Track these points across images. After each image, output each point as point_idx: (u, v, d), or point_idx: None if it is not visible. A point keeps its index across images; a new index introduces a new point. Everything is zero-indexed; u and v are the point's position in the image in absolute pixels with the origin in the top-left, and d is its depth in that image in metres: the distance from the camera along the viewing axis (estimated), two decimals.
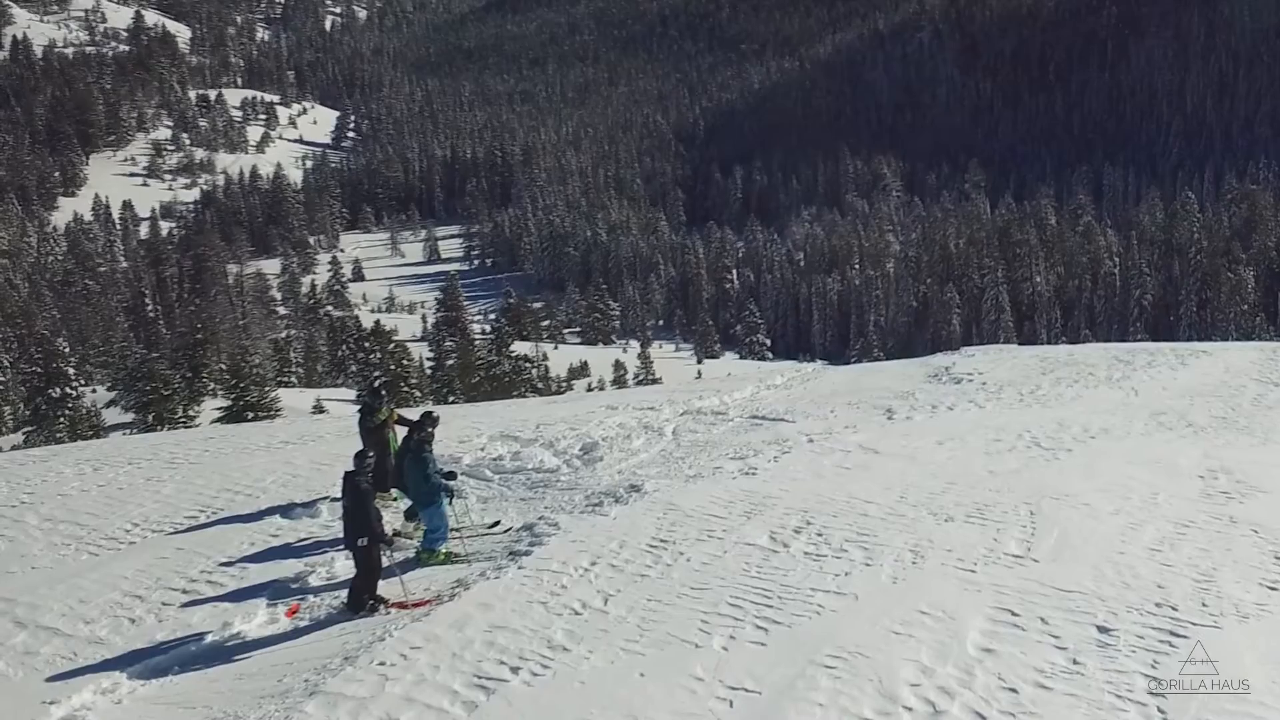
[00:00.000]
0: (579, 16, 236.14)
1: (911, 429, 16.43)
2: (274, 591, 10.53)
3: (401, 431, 12.90)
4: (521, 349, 73.16)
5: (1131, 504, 11.70)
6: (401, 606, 9.79)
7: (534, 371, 64.97)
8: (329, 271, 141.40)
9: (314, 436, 18.43)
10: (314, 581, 10.69)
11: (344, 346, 69.70)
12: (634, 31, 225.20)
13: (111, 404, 55.21)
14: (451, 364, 61.95)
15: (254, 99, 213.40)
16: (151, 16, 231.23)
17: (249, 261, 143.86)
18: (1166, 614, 8.63)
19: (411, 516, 12.15)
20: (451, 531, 11.50)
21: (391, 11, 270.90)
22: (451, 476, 11.80)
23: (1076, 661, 7.89)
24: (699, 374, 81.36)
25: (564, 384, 71.36)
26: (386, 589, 10.03)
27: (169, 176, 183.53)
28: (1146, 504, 11.70)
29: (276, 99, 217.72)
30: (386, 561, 10.14)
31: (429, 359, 68.44)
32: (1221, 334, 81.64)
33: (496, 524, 12.18)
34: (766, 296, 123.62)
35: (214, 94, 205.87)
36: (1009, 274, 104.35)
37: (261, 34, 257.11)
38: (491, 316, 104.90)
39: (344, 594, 10.11)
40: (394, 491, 13.08)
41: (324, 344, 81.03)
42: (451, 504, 11.54)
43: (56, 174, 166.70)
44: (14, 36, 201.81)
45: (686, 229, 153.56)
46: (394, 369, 55.40)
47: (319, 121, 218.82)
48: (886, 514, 11.44)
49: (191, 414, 47.90)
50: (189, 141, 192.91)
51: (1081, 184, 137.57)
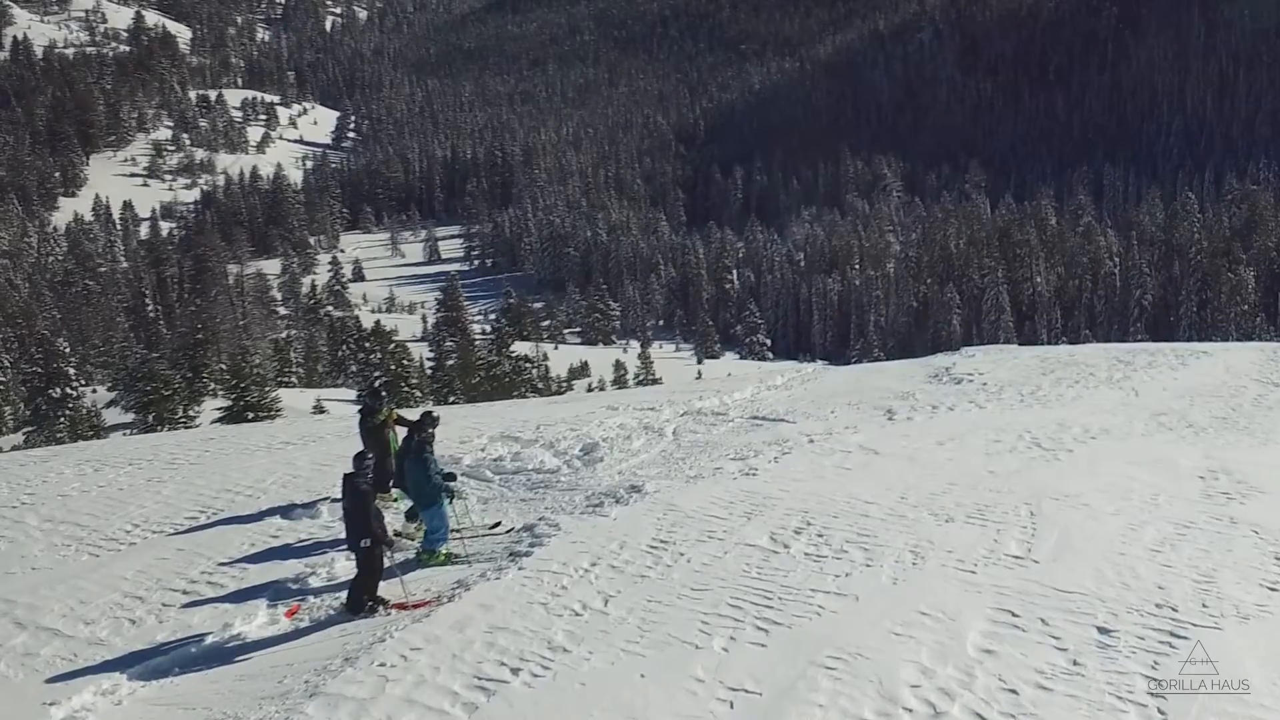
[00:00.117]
0: (579, 16, 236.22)
1: (912, 429, 16.44)
2: (274, 592, 10.53)
3: (402, 432, 12.90)
4: (522, 349, 73.22)
5: (1132, 505, 11.71)
6: (402, 607, 9.79)
7: (534, 372, 64.98)
8: (329, 272, 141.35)
9: (314, 437, 18.42)
10: (314, 582, 10.70)
11: (344, 347, 69.75)
12: (634, 32, 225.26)
13: (112, 404, 55.26)
14: (452, 364, 61.96)
15: (254, 99, 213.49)
16: (152, 17, 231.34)
17: (249, 262, 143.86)
18: (1167, 615, 8.64)
19: (412, 517, 12.16)
20: (452, 532, 11.50)
21: (392, 12, 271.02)
22: (452, 477, 11.79)
23: (1077, 662, 7.89)
24: (699, 374, 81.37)
25: (564, 384, 71.33)
26: (387, 590, 10.04)
27: (169, 177, 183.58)
28: (1147, 505, 11.71)
29: (277, 99, 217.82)
30: (388, 562, 10.14)
31: (429, 359, 68.50)
32: (1222, 334, 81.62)
33: (497, 525, 12.17)
34: (767, 297, 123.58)
35: (214, 94, 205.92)
36: (1009, 274, 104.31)
37: (262, 34, 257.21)
38: (492, 317, 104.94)
39: (344, 595, 10.11)
40: (394, 492, 13.09)
41: (324, 344, 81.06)
42: (452, 505, 11.54)
43: (57, 174, 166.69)
44: (14, 37, 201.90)
45: (687, 229, 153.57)
46: (394, 369, 55.45)
47: (319, 122, 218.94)
48: (887, 515, 11.45)
49: (192, 414, 47.92)
50: (189, 142, 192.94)
51: (1082, 184, 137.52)
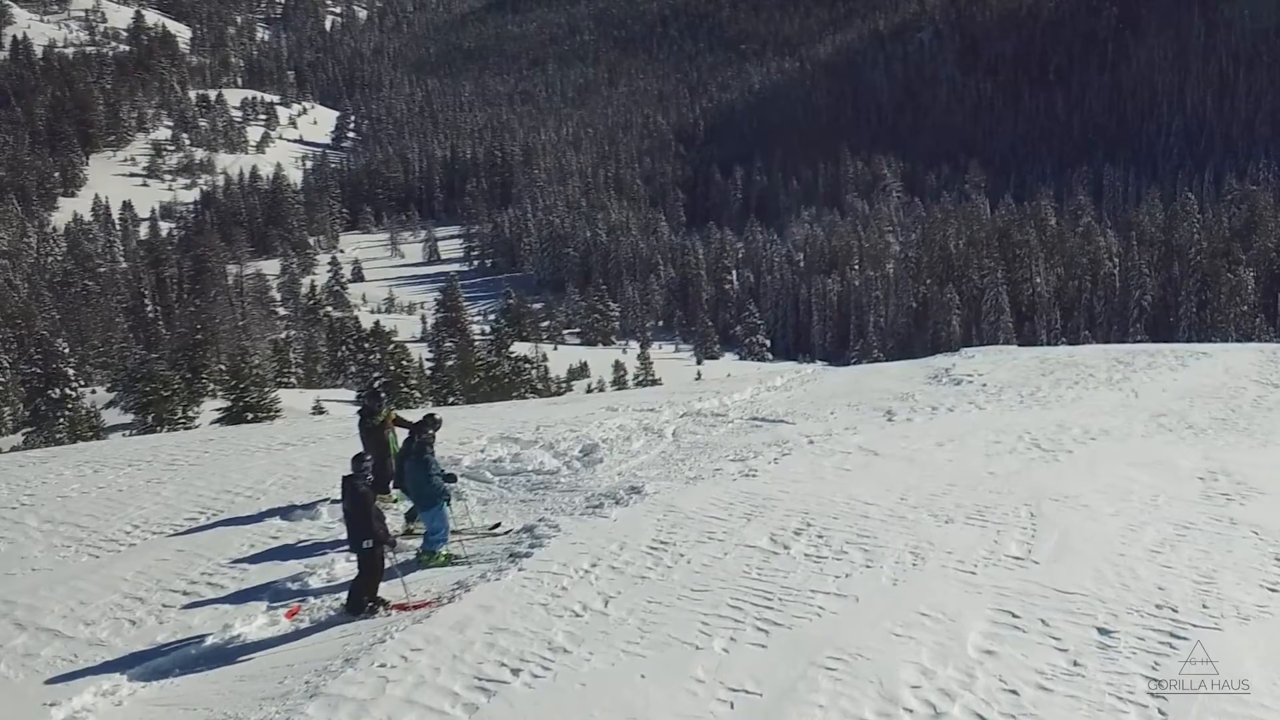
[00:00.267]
0: (579, 16, 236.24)
1: (911, 430, 16.44)
2: (274, 593, 10.54)
3: (402, 433, 12.90)
4: (521, 350, 73.16)
5: (1132, 506, 11.71)
6: (403, 608, 9.80)
7: (534, 372, 64.90)
8: (329, 272, 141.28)
9: (314, 438, 18.42)
10: (314, 583, 10.70)
11: (344, 347, 69.77)
12: (634, 31, 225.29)
13: (111, 405, 55.25)
14: (451, 365, 62.00)
15: (254, 99, 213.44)
16: (151, 16, 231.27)
17: (249, 262, 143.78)
18: (1167, 615, 8.64)
19: (412, 518, 12.17)
20: (452, 534, 11.50)
21: (391, 11, 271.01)
22: (451, 479, 11.80)
23: (1077, 663, 7.89)
24: (699, 375, 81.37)
25: (564, 385, 71.26)
26: (388, 590, 10.04)
27: (169, 177, 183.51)
28: (1147, 506, 11.71)
29: (276, 99, 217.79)
30: (389, 563, 10.14)
31: (429, 360, 68.56)
32: (1221, 335, 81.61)
33: (497, 526, 12.17)
34: (766, 297, 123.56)
35: (214, 94, 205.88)
36: (1009, 275, 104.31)
37: (261, 34, 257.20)
38: (491, 317, 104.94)
39: (344, 596, 10.12)
40: (395, 493, 13.09)
41: (324, 345, 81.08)
42: (451, 506, 11.54)
43: (56, 174, 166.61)
44: (14, 36, 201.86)
45: (686, 229, 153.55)
46: (393, 370, 55.45)
47: (319, 122, 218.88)
48: (887, 516, 11.45)
49: (191, 415, 47.95)
50: (189, 142, 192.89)
51: (1081, 184, 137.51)
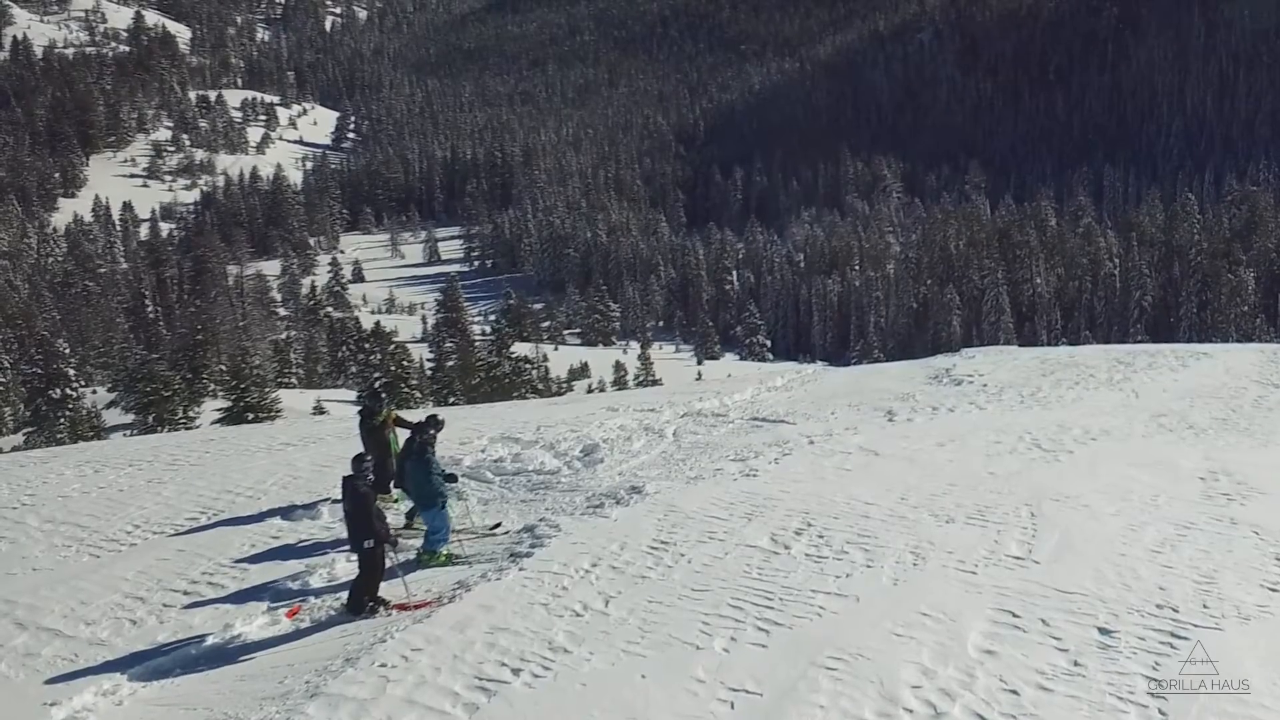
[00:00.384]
0: (579, 17, 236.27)
1: (912, 431, 16.44)
2: (275, 593, 10.54)
3: (403, 433, 12.90)
4: (522, 350, 73.14)
5: (1132, 506, 11.71)
6: (403, 608, 9.80)
7: (534, 373, 64.91)
8: (329, 273, 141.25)
9: (315, 438, 18.42)
10: (315, 583, 10.71)
11: (344, 348, 69.81)
12: (634, 32, 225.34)
13: (112, 405, 55.27)
14: (452, 365, 61.97)
15: (254, 100, 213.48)
16: (152, 17, 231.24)
17: (249, 263, 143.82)
18: (1167, 615, 8.64)
19: (412, 518, 12.17)
20: (452, 533, 11.50)
21: (392, 12, 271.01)
22: (452, 479, 11.80)
23: (1078, 663, 7.89)
24: (699, 375, 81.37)
25: (564, 385, 71.24)
26: (388, 590, 10.04)
27: (169, 177, 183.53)
28: (1147, 506, 11.71)
29: (276, 100, 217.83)
30: (390, 562, 10.15)
31: (429, 360, 68.53)
32: (1222, 335, 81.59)
33: (497, 526, 12.17)
34: (767, 298, 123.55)
35: (214, 95, 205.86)
36: (1009, 275, 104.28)
37: (262, 34, 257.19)
38: (491, 318, 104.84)
39: (345, 596, 10.12)
40: (395, 492, 13.09)
41: (324, 345, 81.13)
42: (452, 506, 11.54)
43: (56, 175, 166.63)
44: (14, 37, 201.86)
45: (687, 230, 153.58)
46: (394, 370, 55.43)
47: (319, 122, 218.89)
48: (887, 516, 11.45)
49: (192, 415, 47.95)
50: (189, 142, 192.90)
51: (1082, 185, 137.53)
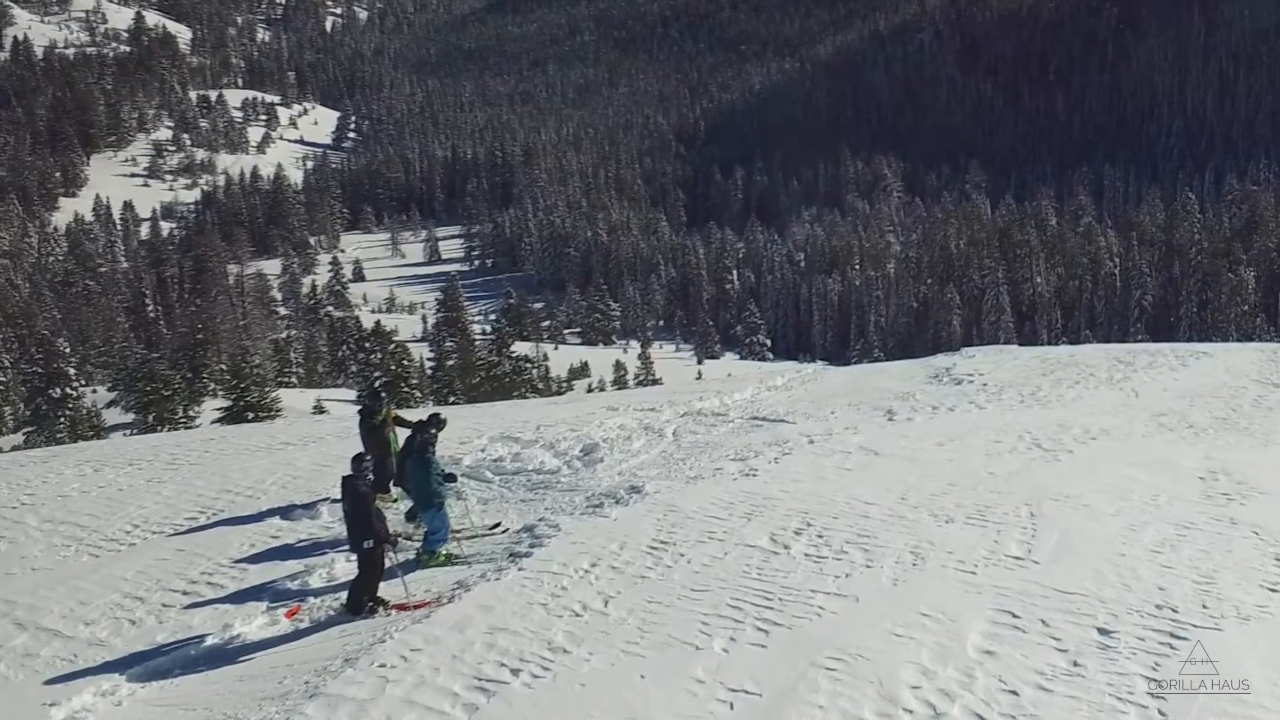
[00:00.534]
0: (579, 17, 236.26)
1: (912, 430, 16.43)
2: (274, 593, 10.53)
3: (402, 433, 12.89)
4: (522, 349, 73.12)
5: (1132, 505, 11.70)
6: (402, 608, 9.79)
7: (534, 372, 64.92)
8: (329, 272, 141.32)
9: (314, 437, 18.42)
10: (314, 583, 10.70)
11: (344, 347, 69.76)
12: (634, 32, 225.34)
13: (112, 404, 55.26)
14: (452, 364, 61.93)
15: (254, 99, 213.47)
16: (152, 17, 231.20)
17: (249, 262, 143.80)
18: (1167, 616, 8.63)
19: (412, 517, 12.15)
20: (452, 533, 11.49)
21: (392, 12, 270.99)
22: (452, 478, 11.80)
23: (1077, 663, 7.88)
24: (699, 375, 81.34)
25: (564, 385, 71.28)
26: (388, 590, 10.04)
27: (170, 177, 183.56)
28: (1147, 505, 11.70)
29: (277, 100, 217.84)
30: (390, 562, 10.14)
31: (429, 359, 68.50)
32: (1222, 335, 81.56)
33: (497, 525, 12.17)
34: (767, 297, 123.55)
35: (214, 95, 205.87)
36: (1009, 275, 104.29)
37: (262, 35, 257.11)
38: (492, 317, 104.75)
39: (344, 596, 10.11)
40: (395, 492, 13.08)
41: (324, 344, 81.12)
42: (452, 505, 11.52)
43: (57, 174, 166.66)
44: (15, 37, 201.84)
45: (687, 229, 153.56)
46: (394, 369, 55.39)
47: (319, 122, 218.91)
48: (887, 515, 11.44)
49: (192, 414, 47.93)
50: (190, 142, 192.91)
51: (1082, 184, 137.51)
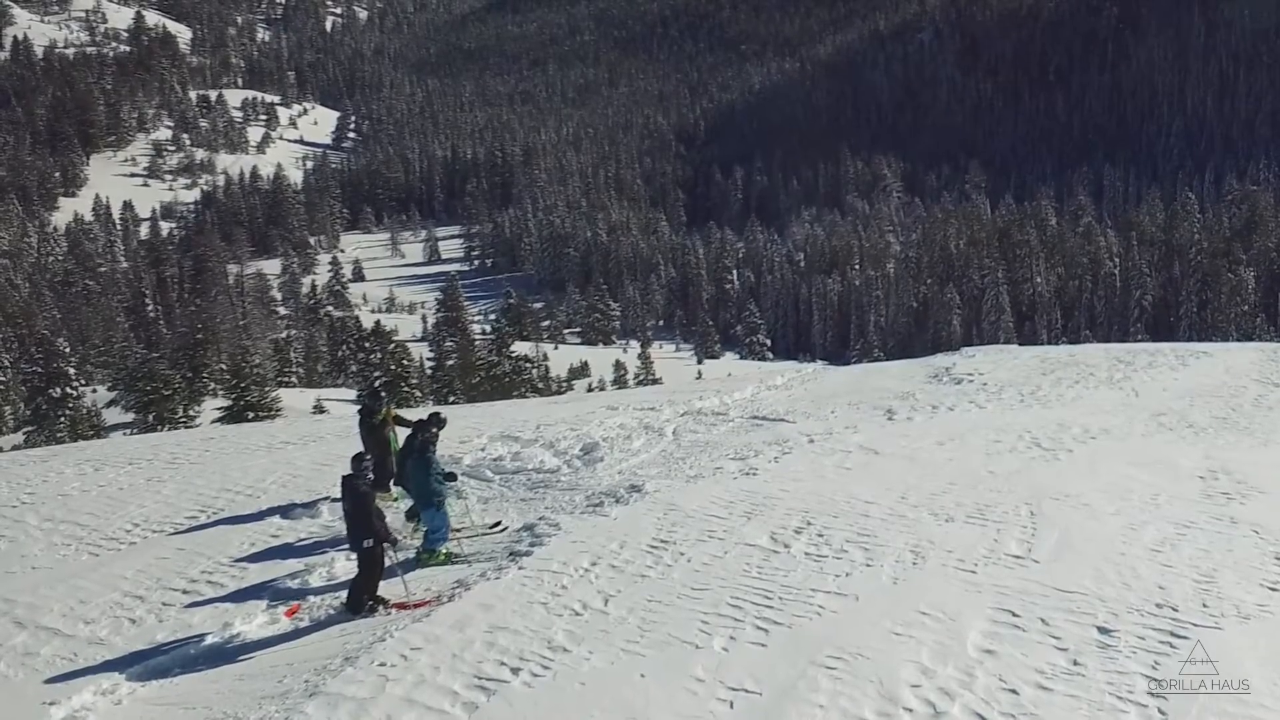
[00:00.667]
0: (579, 17, 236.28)
1: (912, 429, 16.43)
2: (274, 592, 10.53)
3: (402, 432, 12.89)
4: (522, 349, 73.06)
5: (1132, 505, 11.70)
6: (402, 607, 9.79)
7: (534, 372, 64.89)
8: (329, 272, 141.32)
9: (314, 437, 18.43)
10: (314, 582, 10.70)
11: (344, 347, 69.75)
12: (634, 32, 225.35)
13: (112, 404, 55.25)
14: (452, 364, 61.95)
15: (254, 99, 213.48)
16: (152, 17, 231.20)
17: (249, 262, 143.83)
18: (1167, 615, 8.63)
19: (412, 517, 12.16)
20: (452, 532, 11.50)
21: (392, 12, 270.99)
22: (452, 477, 11.80)
23: (1077, 662, 7.88)
24: (699, 374, 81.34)
25: (564, 384, 71.29)
26: (388, 589, 10.03)
27: (169, 177, 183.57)
28: (1147, 505, 11.70)
29: (277, 99, 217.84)
30: (390, 561, 10.14)
31: (429, 359, 68.54)
32: (1222, 335, 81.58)
33: (497, 524, 12.17)
34: (767, 297, 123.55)
35: (214, 94, 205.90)
36: (1009, 274, 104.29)
37: (262, 34, 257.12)
38: (492, 317, 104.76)
39: (344, 594, 10.11)
40: (395, 491, 13.09)
41: (324, 344, 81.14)
42: (452, 504, 11.52)
43: (57, 174, 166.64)
44: (15, 37, 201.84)
45: (687, 229, 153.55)
46: (394, 369, 55.37)
47: (319, 122, 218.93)
48: (887, 514, 11.44)
49: (192, 414, 47.91)
50: (189, 142, 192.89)
51: (1082, 184, 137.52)
